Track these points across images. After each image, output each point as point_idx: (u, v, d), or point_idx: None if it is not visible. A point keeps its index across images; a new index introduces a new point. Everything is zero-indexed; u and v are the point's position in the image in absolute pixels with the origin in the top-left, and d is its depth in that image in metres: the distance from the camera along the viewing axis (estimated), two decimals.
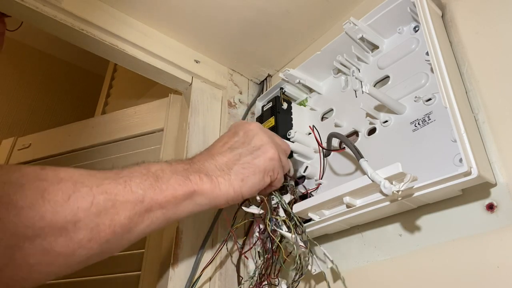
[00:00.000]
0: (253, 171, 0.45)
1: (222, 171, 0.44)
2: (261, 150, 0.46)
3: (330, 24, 0.68)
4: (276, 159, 0.46)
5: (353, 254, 0.50)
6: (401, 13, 0.52)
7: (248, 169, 0.44)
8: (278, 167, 0.47)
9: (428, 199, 0.43)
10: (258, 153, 0.46)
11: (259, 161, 0.45)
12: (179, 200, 0.39)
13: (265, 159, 0.46)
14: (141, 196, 0.37)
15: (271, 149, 0.46)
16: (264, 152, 0.46)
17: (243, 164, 0.45)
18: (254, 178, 0.44)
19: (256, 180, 0.45)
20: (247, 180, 0.44)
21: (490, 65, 0.44)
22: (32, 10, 0.55)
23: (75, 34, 0.60)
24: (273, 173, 0.46)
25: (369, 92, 0.46)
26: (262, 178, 0.45)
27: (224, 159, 0.45)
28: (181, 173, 0.41)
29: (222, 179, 0.43)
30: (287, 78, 0.62)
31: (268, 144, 0.47)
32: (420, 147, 0.45)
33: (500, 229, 0.38)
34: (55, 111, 1.62)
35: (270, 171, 0.46)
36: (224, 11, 0.65)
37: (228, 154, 0.46)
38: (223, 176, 0.43)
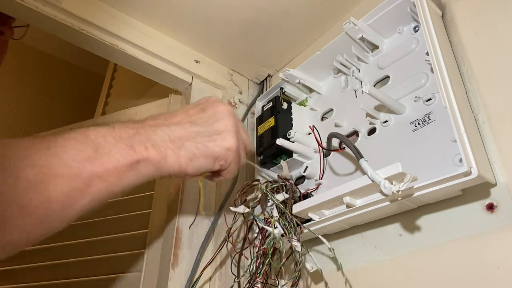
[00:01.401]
0: (205, 154, 0.42)
1: (174, 143, 0.41)
2: (221, 136, 0.44)
3: (330, 24, 0.68)
4: (232, 150, 0.44)
5: (353, 254, 0.50)
6: (401, 13, 0.52)
7: (200, 150, 0.42)
8: (231, 159, 0.44)
9: (428, 199, 0.43)
10: (216, 137, 0.44)
11: (214, 146, 0.43)
12: (122, 172, 0.36)
13: (222, 146, 0.43)
14: (78, 169, 0.33)
15: (231, 138, 0.44)
16: (222, 139, 0.44)
17: (197, 144, 0.42)
18: (203, 161, 0.42)
19: (205, 163, 0.43)
20: (196, 161, 0.42)
21: (490, 65, 0.44)
22: (32, 10, 0.55)
23: (75, 34, 0.60)
24: (224, 163, 0.44)
25: (369, 92, 0.46)
26: (212, 163, 0.43)
27: (181, 132, 0.42)
28: (125, 140, 0.38)
29: (171, 152, 0.40)
30: (287, 78, 0.62)
31: (230, 133, 0.44)
32: (420, 147, 0.45)
33: (500, 229, 0.38)
34: (55, 111, 1.62)
35: (222, 160, 0.44)
36: (224, 11, 0.65)
37: (187, 128, 0.43)
38: (173, 149, 0.41)
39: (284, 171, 0.56)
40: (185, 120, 0.44)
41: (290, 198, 0.52)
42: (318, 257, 0.54)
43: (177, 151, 0.41)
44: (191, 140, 0.42)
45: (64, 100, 1.67)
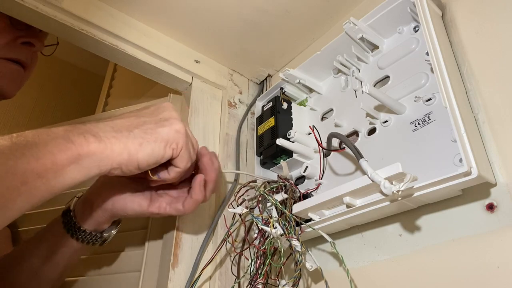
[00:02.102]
0: (155, 138, 0.41)
1: (119, 132, 0.39)
2: (168, 121, 0.43)
3: (330, 24, 0.68)
4: (182, 132, 0.43)
5: (353, 254, 0.50)
6: (401, 13, 0.52)
7: (149, 135, 0.40)
8: (182, 142, 0.43)
9: (428, 199, 0.43)
10: (164, 123, 0.42)
11: (163, 130, 0.41)
12: (61, 167, 0.34)
13: (170, 129, 0.42)
14: (11, 167, 0.32)
15: (179, 123, 0.43)
16: (171, 123, 0.42)
17: (145, 130, 0.40)
18: (154, 145, 0.40)
19: (156, 148, 0.40)
20: (146, 146, 0.40)
21: (490, 65, 0.44)
22: (32, 10, 0.55)
23: (75, 34, 0.60)
24: (176, 147, 0.42)
25: (369, 92, 0.46)
26: (163, 148, 0.41)
27: (125, 122, 0.41)
28: (62, 136, 0.36)
29: (116, 140, 0.38)
30: (287, 78, 0.62)
31: (176, 119, 0.43)
32: (420, 147, 0.45)
33: (500, 229, 0.38)
34: (55, 111, 1.62)
35: (174, 143, 0.42)
36: (224, 11, 0.65)
37: (131, 118, 0.42)
38: (118, 138, 0.38)
39: (284, 171, 0.56)
40: (130, 116, 0.43)
41: (289, 198, 0.52)
42: (319, 256, 0.54)
43: (124, 139, 0.39)
44: (138, 127, 0.41)
45: (64, 100, 1.67)
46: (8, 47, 0.63)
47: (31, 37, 0.65)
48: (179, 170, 0.45)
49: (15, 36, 0.64)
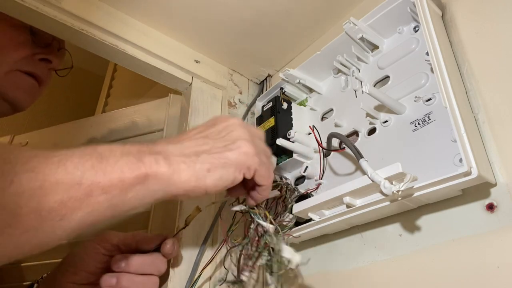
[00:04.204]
0: (224, 163, 0.39)
1: (188, 157, 0.38)
2: (236, 144, 0.41)
3: (330, 24, 0.68)
4: (251, 154, 0.41)
5: (353, 254, 0.50)
6: (401, 13, 0.52)
7: (218, 160, 0.39)
8: (254, 163, 0.41)
9: (428, 199, 0.43)
10: (232, 146, 0.41)
11: (232, 154, 0.40)
12: (127, 185, 0.34)
13: (239, 152, 0.41)
14: (79, 177, 0.31)
15: (247, 143, 0.42)
16: (238, 146, 0.41)
17: (213, 154, 0.39)
18: (222, 170, 0.39)
19: (225, 173, 0.39)
20: (215, 172, 0.39)
21: (490, 65, 0.44)
22: (32, 10, 0.55)
23: (75, 34, 0.60)
24: (247, 170, 0.41)
25: (369, 92, 0.46)
26: (233, 173, 0.40)
27: (193, 145, 0.40)
28: (133, 154, 0.35)
29: (185, 165, 0.37)
30: (287, 78, 0.62)
31: (245, 140, 0.42)
32: (420, 147, 0.45)
33: (500, 229, 0.38)
34: (55, 111, 1.62)
35: (244, 167, 0.41)
36: (224, 11, 0.65)
37: (200, 141, 0.41)
38: (187, 163, 0.38)
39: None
40: (197, 136, 0.42)
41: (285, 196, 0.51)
42: (318, 257, 0.54)
43: (192, 164, 0.38)
44: (206, 151, 0.40)
45: (64, 100, 1.67)
46: (26, 60, 0.64)
47: (49, 54, 0.67)
48: (264, 188, 0.44)
49: (34, 52, 0.65)
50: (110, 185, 0.33)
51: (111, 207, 0.34)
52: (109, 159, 0.34)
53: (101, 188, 0.32)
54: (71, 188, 0.31)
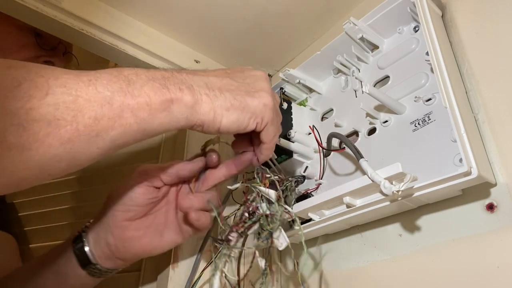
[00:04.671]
0: (243, 107, 0.40)
1: (211, 90, 0.39)
2: (259, 93, 0.42)
3: (330, 24, 0.68)
4: (270, 107, 0.42)
5: (353, 254, 0.50)
6: (401, 13, 0.52)
7: (238, 101, 0.40)
8: (268, 118, 0.42)
9: (428, 199, 0.43)
10: (254, 94, 0.42)
11: (253, 101, 0.41)
12: (153, 110, 0.35)
13: (259, 102, 0.41)
14: (109, 97, 0.33)
15: (269, 97, 0.43)
16: (260, 96, 0.42)
17: (235, 96, 0.40)
18: (240, 114, 0.40)
19: (241, 117, 0.40)
20: (232, 113, 0.40)
21: (490, 65, 0.44)
22: (32, 10, 0.55)
23: (75, 34, 0.60)
24: (260, 121, 0.42)
25: (369, 92, 0.46)
26: (248, 119, 0.41)
27: (218, 82, 0.41)
28: (158, 80, 0.37)
29: (207, 98, 0.38)
30: (287, 78, 0.62)
31: (267, 92, 0.43)
32: (420, 147, 0.45)
33: (500, 229, 0.38)
34: None
35: (259, 117, 0.42)
36: (224, 11, 0.65)
37: (225, 80, 0.42)
38: (209, 96, 0.39)
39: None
40: (224, 75, 0.43)
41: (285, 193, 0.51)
42: (318, 257, 0.54)
43: (214, 98, 0.39)
44: (230, 91, 0.40)
45: None
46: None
47: (53, 57, 0.66)
48: (266, 147, 0.45)
49: (38, 54, 0.66)
50: (138, 108, 0.34)
51: (140, 130, 0.35)
52: (135, 83, 0.35)
53: (131, 110, 0.34)
54: (103, 106, 0.32)
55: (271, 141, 0.45)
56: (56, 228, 0.86)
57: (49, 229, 0.87)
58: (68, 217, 0.85)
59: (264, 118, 0.42)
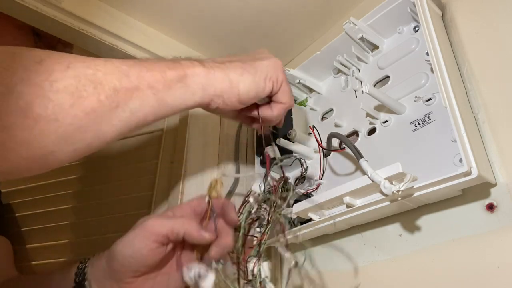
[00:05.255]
0: (254, 71, 0.41)
1: (222, 63, 0.41)
2: (265, 57, 0.44)
3: (330, 24, 0.68)
4: (280, 68, 0.43)
5: (353, 254, 0.50)
6: (401, 13, 0.52)
7: (250, 66, 0.41)
8: (282, 77, 0.43)
9: (428, 199, 0.43)
10: (262, 58, 0.43)
11: (262, 63, 0.42)
12: (169, 82, 0.37)
13: (269, 62, 0.43)
14: (126, 71, 0.35)
15: (276, 59, 0.44)
16: (268, 58, 0.43)
17: (244, 63, 0.42)
18: (254, 76, 0.41)
19: (257, 79, 0.41)
20: (247, 76, 0.41)
21: (490, 65, 0.44)
22: (32, 10, 0.55)
23: (75, 34, 0.60)
24: (276, 80, 0.43)
25: (369, 92, 0.46)
26: (264, 80, 0.42)
27: (226, 59, 0.42)
28: (170, 60, 0.39)
29: (218, 68, 0.40)
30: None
31: (273, 57, 0.44)
32: (420, 147, 0.45)
33: (500, 229, 0.38)
34: None
35: (274, 76, 0.43)
36: (224, 11, 0.65)
37: (231, 57, 0.43)
38: (220, 67, 0.40)
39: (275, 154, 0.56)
40: (229, 56, 0.44)
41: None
42: (318, 257, 0.54)
43: (225, 67, 0.40)
44: (238, 61, 0.42)
45: None
46: None
47: None
48: (283, 106, 0.45)
49: None
50: (155, 80, 0.36)
51: (157, 101, 0.36)
52: (148, 61, 0.37)
53: (147, 82, 0.35)
54: (121, 79, 0.34)
55: (290, 101, 0.45)
56: (54, 229, 0.86)
57: (47, 229, 0.87)
58: (67, 217, 0.85)
59: (278, 76, 0.43)
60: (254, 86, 0.41)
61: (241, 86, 0.40)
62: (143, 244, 0.43)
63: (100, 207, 0.80)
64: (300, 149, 0.57)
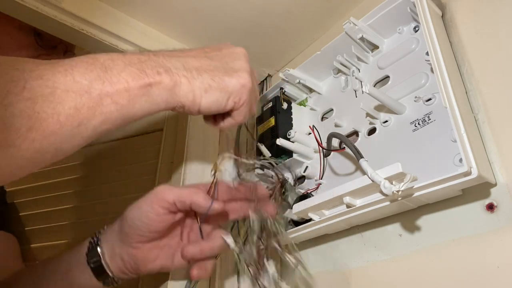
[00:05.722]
0: (221, 87, 0.41)
1: (189, 72, 0.39)
2: (237, 73, 0.42)
3: (330, 24, 0.68)
4: (247, 88, 0.42)
5: (353, 254, 0.50)
6: (401, 13, 0.52)
7: (216, 82, 0.40)
8: (245, 98, 0.43)
9: (428, 199, 0.43)
10: (233, 74, 0.42)
11: (230, 82, 0.41)
12: (133, 96, 0.35)
13: (237, 82, 0.42)
14: (87, 87, 0.33)
15: (247, 77, 0.43)
16: (239, 76, 0.42)
17: (213, 77, 0.40)
18: (218, 94, 0.41)
19: (220, 98, 0.41)
20: (211, 93, 0.40)
21: (490, 65, 0.44)
22: (32, 10, 0.55)
23: (75, 34, 0.60)
24: (238, 101, 0.42)
25: (369, 92, 0.46)
26: (226, 99, 0.41)
27: (196, 63, 0.41)
28: (136, 65, 0.36)
29: (185, 80, 0.39)
30: (287, 78, 0.62)
31: (246, 72, 0.43)
32: (420, 147, 0.45)
33: (500, 229, 0.38)
34: None
35: (237, 97, 0.42)
36: (224, 11, 0.65)
37: (203, 60, 0.42)
38: (188, 78, 0.39)
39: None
40: (201, 55, 0.43)
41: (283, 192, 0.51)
42: (318, 257, 0.54)
43: (192, 80, 0.39)
44: (208, 72, 0.41)
45: None
46: None
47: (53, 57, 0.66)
48: (233, 122, 0.45)
49: (37, 54, 0.66)
50: (118, 95, 0.34)
51: (121, 116, 0.35)
52: (112, 70, 0.35)
53: (110, 97, 0.34)
54: (82, 96, 0.32)
55: (242, 120, 0.45)
56: (58, 228, 0.86)
57: (51, 228, 0.87)
58: (70, 217, 0.86)
59: (241, 98, 0.42)
60: (216, 105, 0.41)
61: (203, 102, 0.40)
62: (150, 208, 0.45)
63: (100, 207, 0.80)
64: (300, 149, 0.57)
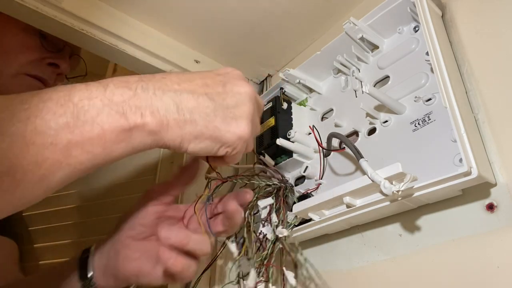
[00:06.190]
0: (214, 137, 0.37)
1: (182, 114, 0.35)
2: (237, 122, 0.38)
3: (330, 24, 0.68)
4: (244, 139, 0.39)
5: (353, 254, 0.50)
6: (401, 13, 0.52)
7: (210, 131, 0.37)
8: (240, 148, 0.40)
9: (428, 199, 0.43)
10: (231, 122, 0.38)
11: (226, 132, 0.38)
12: (109, 143, 0.31)
13: (234, 134, 0.38)
14: (52, 137, 0.29)
15: (246, 127, 0.39)
16: (237, 126, 0.38)
17: (208, 123, 0.36)
18: (210, 144, 0.37)
19: (210, 146, 0.37)
20: (202, 142, 0.37)
21: (490, 65, 0.44)
22: (32, 10, 0.55)
23: (75, 34, 0.60)
24: (231, 150, 0.39)
25: (369, 92, 0.46)
26: (217, 148, 0.38)
27: (193, 103, 0.36)
28: (116, 105, 0.32)
29: (175, 124, 0.34)
30: (287, 78, 0.62)
31: (246, 120, 0.39)
32: (420, 147, 0.45)
33: (500, 229, 0.38)
34: None
35: (230, 147, 0.39)
36: (224, 11, 0.65)
37: (201, 99, 0.37)
38: (177, 122, 0.35)
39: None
40: (201, 90, 0.38)
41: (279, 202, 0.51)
42: (318, 257, 0.54)
43: (183, 125, 0.35)
44: (203, 116, 0.36)
45: None
46: (33, 64, 0.65)
47: (58, 59, 0.66)
48: (224, 164, 0.43)
49: (42, 56, 0.66)
50: (90, 143, 0.30)
51: (94, 165, 0.32)
52: (86, 114, 0.30)
53: (80, 147, 0.30)
54: (46, 148, 0.28)
55: (231, 162, 0.42)
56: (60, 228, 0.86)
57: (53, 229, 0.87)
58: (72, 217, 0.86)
59: (235, 149, 0.39)
60: (205, 151, 0.38)
61: (191, 147, 0.37)
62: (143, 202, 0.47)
63: (102, 206, 0.80)
64: (300, 149, 0.57)
